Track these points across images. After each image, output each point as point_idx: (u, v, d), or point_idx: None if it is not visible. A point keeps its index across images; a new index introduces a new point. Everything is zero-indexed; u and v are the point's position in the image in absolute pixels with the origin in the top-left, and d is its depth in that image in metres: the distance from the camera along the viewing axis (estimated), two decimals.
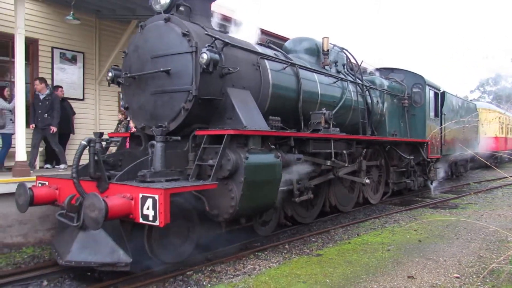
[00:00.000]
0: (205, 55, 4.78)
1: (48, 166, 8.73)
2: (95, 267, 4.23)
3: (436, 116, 12.00)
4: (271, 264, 5.01)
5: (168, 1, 5.30)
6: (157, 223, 3.78)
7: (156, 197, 3.79)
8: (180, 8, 5.55)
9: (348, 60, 9.09)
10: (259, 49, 6.38)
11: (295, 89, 6.78)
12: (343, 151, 7.22)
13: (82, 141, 4.23)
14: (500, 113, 23.98)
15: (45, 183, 5.07)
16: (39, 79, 8.00)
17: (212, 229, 5.10)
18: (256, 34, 6.91)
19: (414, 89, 11.21)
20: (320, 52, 8.09)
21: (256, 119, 5.38)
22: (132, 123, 7.76)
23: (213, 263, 5.04)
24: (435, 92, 11.96)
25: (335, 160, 6.92)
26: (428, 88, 11.27)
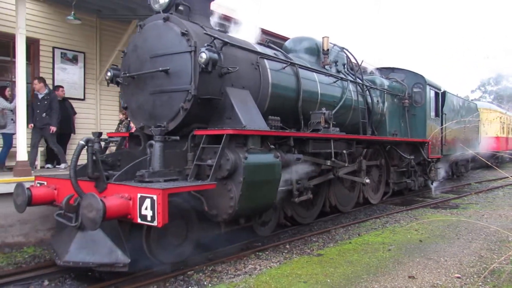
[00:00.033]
0: (204, 55, 4.76)
1: (49, 166, 8.72)
2: (93, 267, 4.20)
3: (436, 116, 11.96)
4: (272, 264, 4.99)
5: (167, 0, 5.29)
6: (155, 223, 3.76)
7: (154, 197, 3.77)
8: (179, 8, 5.52)
9: (348, 59, 9.06)
10: (259, 48, 6.36)
11: (295, 88, 6.76)
12: (343, 151, 7.19)
13: (80, 141, 4.22)
14: (501, 113, 23.95)
15: (43, 183, 5.06)
16: (37, 78, 8.00)
17: (211, 229, 5.08)
18: (256, 33, 6.89)
19: (414, 88, 11.17)
20: (320, 52, 8.07)
21: (256, 118, 5.36)
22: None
23: (214, 263, 5.03)
24: (436, 92, 11.92)
25: (335, 160, 6.89)
26: (428, 88, 11.23)
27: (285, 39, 9.47)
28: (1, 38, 8.45)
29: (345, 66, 8.95)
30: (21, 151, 6.63)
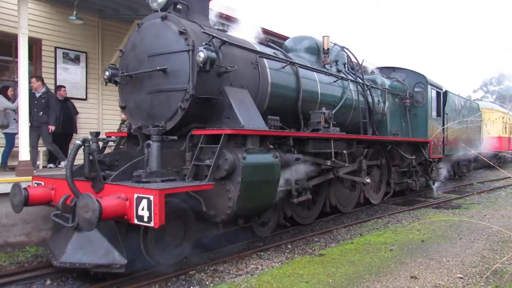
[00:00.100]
0: (202, 54, 4.72)
1: (51, 165, 8.70)
2: (90, 268, 4.16)
3: (438, 116, 11.89)
4: (274, 264, 4.97)
5: None
6: (152, 224, 3.71)
7: (151, 197, 3.73)
8: (178, 6, 5.48)
9: (349, 59, 9.01)
10: (258, 47, 6.31)
11: (295, 88, 6.71)
12: (343, 151, 7.13)
13: (77, 141, 4.18)
14: (504, 113, 23.88)
15: (41, 183, 5.02)
16: (35, 77, 7.97)
17: (210, 229, 5.03)
18: (256, 32, 6.85)
19: (416, 88, 11.10)
20: (320, 51, 8.01)
21: (255, 118, 5.31)
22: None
23: (216, 262, 5.01)
24: (437, 92, 11.85)
25: (335, 160, 6.83)
26: (430, 88, 11.16)
27: (285, 38, 9.43)
28: (4, 38, 8.47)
29: (346, 65, 8.89)
30: (23, 150, 6.63)
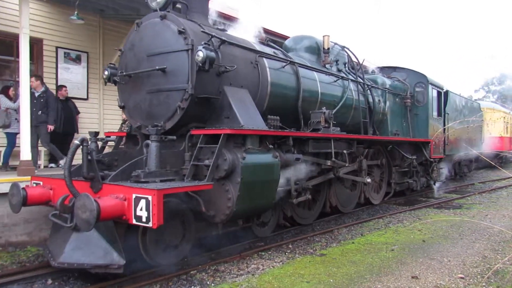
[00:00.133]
0: (201, 53, 4.70)
1: (52, 165, 8.68)
2: (88, 268, 4.13)
3: (439, 116, 11.85)
4: (275, 263, 4.96)
5: None
6: (150, 224, 3.69)
7: (149, 198, 3.70)
8: (177, 6, 5.46)
9: (349, 58, 8.97)
10: (258, 47, 6.28)
11: (295, 87, 6.67)
12: (343, 151, 7.10)
13: (75, 141, 4.16)
14: (505, 112, 23.82)
15: (39, 183, 5.00)
16: (34, 76, 7.97)
17: (209, 230, 5.01)
18: (256, 32, 6.81)
19: (416, 88, 11.06)
20: (320, 51, 7.98)
21: (254, 118, 5.28)
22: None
23: (217, 262, 5.00)
24: (438, 91, 11.80)
25: (335, 160, 6.80)
26: (431, 87, 11.12)
27: (285, 37, 9.40)
28: (5, 38, 8.47)
29: (346, 65, 8.85)
30: (25, 150, 6.63)
